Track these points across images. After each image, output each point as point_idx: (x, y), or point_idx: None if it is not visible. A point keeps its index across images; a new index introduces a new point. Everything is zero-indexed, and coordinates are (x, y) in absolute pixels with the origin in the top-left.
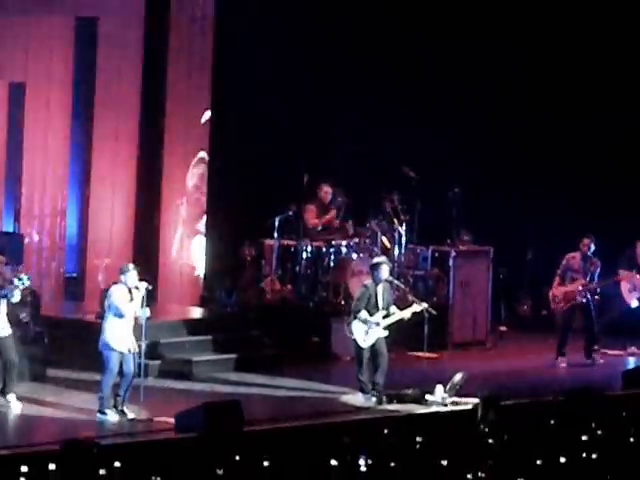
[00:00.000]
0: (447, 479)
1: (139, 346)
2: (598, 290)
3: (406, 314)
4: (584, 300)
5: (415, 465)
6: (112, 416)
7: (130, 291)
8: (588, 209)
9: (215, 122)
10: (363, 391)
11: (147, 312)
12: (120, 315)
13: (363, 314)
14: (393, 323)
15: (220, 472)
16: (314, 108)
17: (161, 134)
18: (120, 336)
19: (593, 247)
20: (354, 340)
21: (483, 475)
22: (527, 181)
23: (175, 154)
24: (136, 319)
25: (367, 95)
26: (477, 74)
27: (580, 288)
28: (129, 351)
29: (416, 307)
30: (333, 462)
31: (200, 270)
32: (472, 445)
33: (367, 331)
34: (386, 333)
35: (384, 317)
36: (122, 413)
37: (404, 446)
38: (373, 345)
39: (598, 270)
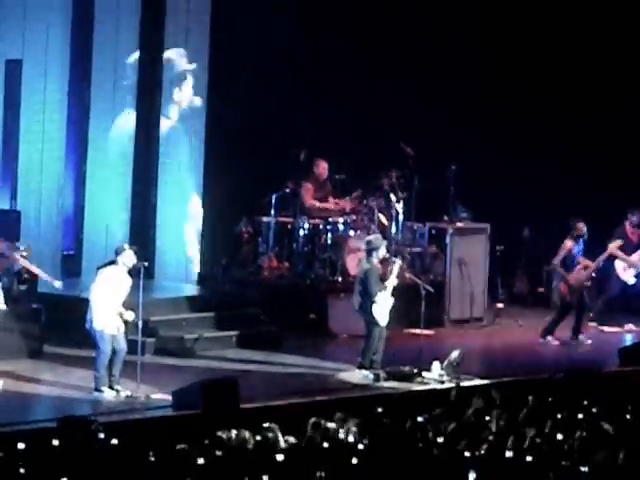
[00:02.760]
0: (444, 456)
1: (136, 324)
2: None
3: (393, 279)
4: (589, 284)
5: (412, 442)
6: (108, 393)
7: (124, 272)
8: (585, 186)
9: (211, 101)
10: (363, 368)
11: (131, 315)
12: (107, 295)
13: (380, 296)
14: (392, 293)
15: (217, 452)
16: (311, 84)
17: (157, 107)
18: (108, 317)
19: (585, 232)
20: (372, 321)
21: (481, 452)
22: (524, 158)
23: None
24: (131, 297)
25: (365, 71)
26: (476, 51)
27: (583, 272)
28: (118, 330)
29: (396, 267)
30: (325, 444)
31: (195, 248)
32: (469, 422)
33: (385, 309)
34: (392, 303)
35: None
36: (117, 392)
37: (401, 423)
38: None
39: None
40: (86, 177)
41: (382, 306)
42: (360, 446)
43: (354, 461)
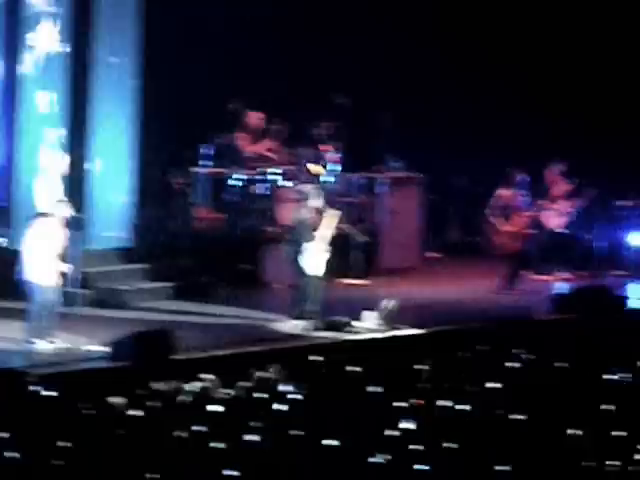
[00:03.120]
0: (379, 406)
1: (70, 276)
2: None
3: (326, 229)
4: (529, 231)
5: (347, 392)
6: (41, 345)
7: (58, 223)
8: (517, 136)
9: (144, 48)
10: (297, 318)
11: (66, 267)
12: (40, 247)
13: (311, 245)
14: (327, 244)
15: (151, 402)
16: (246, 34)
17: (88, 56)
18: (41, 269)
19: (522, 181)
20: (303, 271)
21: (415, 401)
22: (457, 108)
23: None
24: (65, 249)
25: (299, 23)
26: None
27: (522, 221)
28: (52, 282)
29: (331, 218)
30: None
31: (129, 199)
32: (403, 371)
33: (317, 259)
34: (328, 254)
35: (319, 240)
36: (52, 343)
37: (336, 374)
38: None
39: (525, 201)
40: (16, 129)
41: (312, 256)
42: (297, 396)
43: (289, 410)
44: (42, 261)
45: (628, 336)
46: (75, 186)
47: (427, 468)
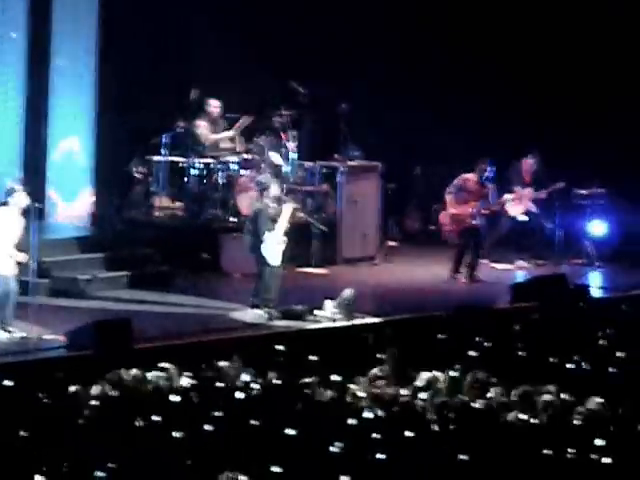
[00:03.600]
0: (337, 393)
1: (28, 265)
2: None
3: (285, 221)
4: (477, 223)
5: (307, 381)
6: (0, 335)
7: (18, 213)
8: (477, 125)
9: (103, 36)
10: (256, 307)
11: (24, 257)
12: (2, 237)
13: (269, 235)
14: (284, 234)
15: (112, 392)
16: (205, 21)
17: (48, 44)
18: (2, 258)
19: (489, 172)
20: (263, 261)
21: (376, 391)
22: (415, 96)
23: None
24: (23, 238)
25: (259, 10)
26: None
27: (472, 210)
28: (9, 272)
29: (288, 208)
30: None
31: (88, 188)
32: (362, 360)
33: (276, 249)
34: (284, 244)
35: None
36: (9, 332)
37: (295, 362)
38: None
39: (491, 193)
40: None
41: (272, 246)
42: (255, 385)
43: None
44: (1, 251)
45: (586, 325)
46: (32, 175)
47: (385, 457)
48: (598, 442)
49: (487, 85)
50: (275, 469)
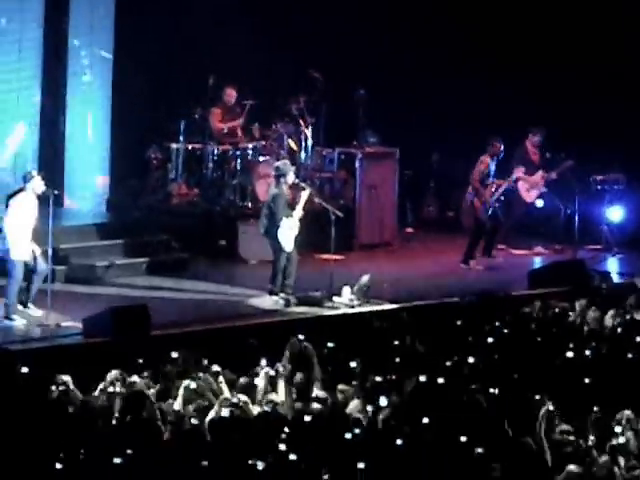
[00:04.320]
0: (356, 380)
1: (45, 252)
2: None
3: (300, 208)
4: (497, 204)
5: (324, 367)
6: (19, 321)
7: (34, 199)
8: (493, 111)
9: (119, 24)
10: (273, 294)
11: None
12: (21, 224)
13: (285, 222)
14: (299, 220)
15: (131, 378)
16: (220, 10)
17: (65, 35)
18: (23, 244)
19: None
20: (277, 247)
21: (392, 376)
22: (433, 82)
23: (80, 54)
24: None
25: None
26: None
27: (492, 191)
28: (34, 254)
29: (304, 195)
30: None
31: (105, 175)
32: (380, 346)
33: (291, 235)
34: (297, 231)
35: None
36: (28, 308)
37: (313, 348)
38: None
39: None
40: None
41: (287, 231)
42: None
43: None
44: (23, 237)
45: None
46: (50, 162)
47: (402, 443)
48: None
49: (503, 68)
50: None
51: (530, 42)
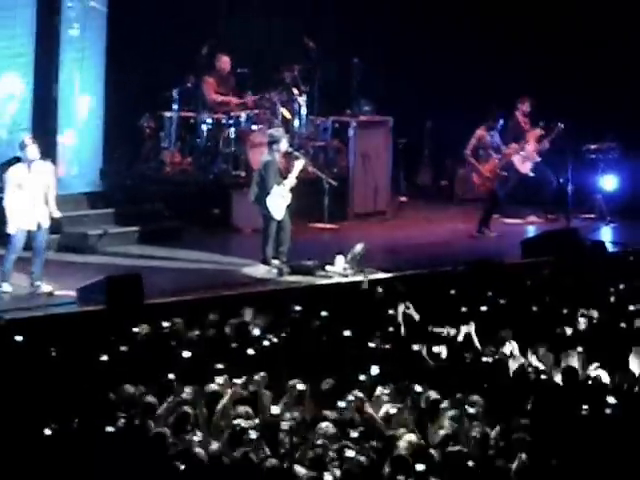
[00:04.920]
0: (350, 349)
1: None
2: None
3: (294, 177)
4: (505, 173)
5: (318, 336)
6: (6, 288)
7: (29, 167)
8: (487, 78)
9: None
10: (266, 263)
11: (57, 213)
12: (19, 193)
13: (276, 189)
14: (292, 189)
15: (123, 347)
16: None
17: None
18: (22, 213)
19: (501, 120)
20: (267, 214)
21: (386, 345)
22: (426, 50)
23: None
24: (45, 193)
25: None
26: None
27: (497, 162)
28: (38, 227)
29: (298, 165)
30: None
31: (98, 143)
32: (373, 315)
33: (281, 203)
34: (289, 200)
35: (284, 185)
36: (38, 288)
37: (307, 317)
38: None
39: (499, 141)
40: None
41: (277, 199)
42: (267, 342)
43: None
44: (20, 206)
45: (598, 278)
46: (43, 131)
47: (396, 411)
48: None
49: (497, 37)
50: None
51: (523, 11)
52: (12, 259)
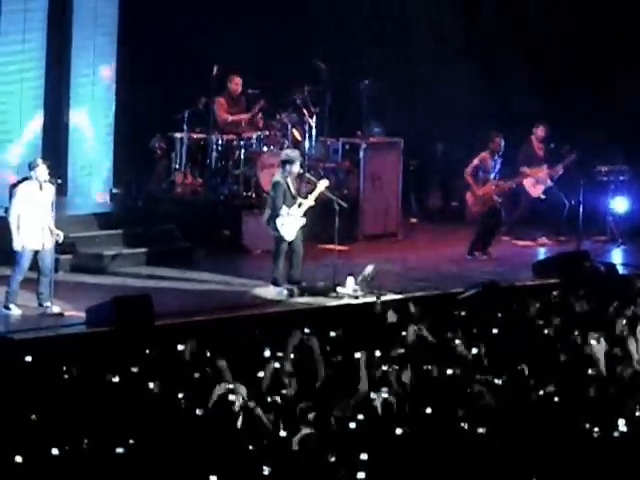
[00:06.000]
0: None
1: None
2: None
3: (312, 198)
4: (499, 200)
5: (328, 357)
6: (15, 310)
7: (40, 187)
8: (497, 102)
9: (123, 14)
10: (276, 284)
11: (60, 236)
12: (28, 212)
13: (285, 210)
14: (306, 211)
15: (133, 368)
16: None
17: (69, 26)
18: (30, 231)
19: (503, 145)
20: (278, 235)
21: (396, 366)
22: (436, 73)
23: (85, 44)
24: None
25: None
26: None
27: (494, 188)
28: (43, 247)
29: (319, 187)
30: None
31: (109, 164)
32: (384, 336)
33: (291, 224)
34: (304, 221)
35: (298, 206)
36: (47, 308)
37: (317, 339)
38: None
39: (499, 167)
40: None
41: (287, 220)
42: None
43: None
44: (29, 226)
45: (607, 301)
46: (55, 151)
47: (407, 432)
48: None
49: (506, 60)
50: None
51: (533, 34)
52: (18, 280)
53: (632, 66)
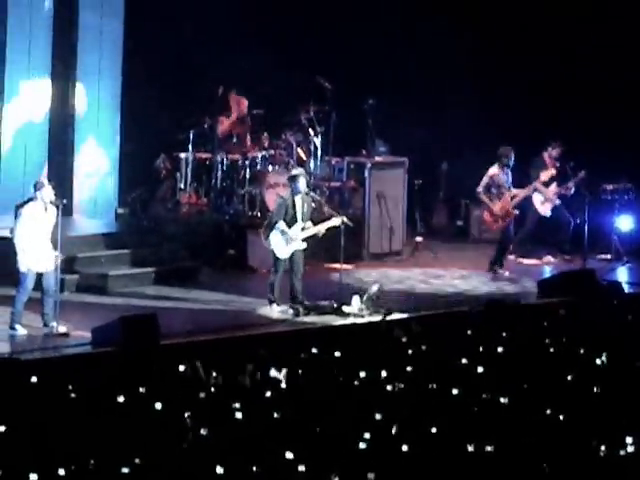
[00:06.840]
0: (366, 390)
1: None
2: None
3: (322, 228)
4: (517, 212)
5: (333, 377)
6: (21, 331)
7: (45, 208)
8: (502, 120)
9: (128, 35)
10: (272, 302)
11: (59, 257)
12: (33, 233)
13: (281, 225)
14: (309, 237)
15: (140, 388)
16: (229, 19)
17: (74, 46)
18: (34, 252)
19: (512, 159)
20: (272, 252)
21: (401, 385)
22: (441, 92)
23: (90, 65)
24: (53, 234)
25: (283, 6)
26: None
27: (510, 200)
28: (47, 268)
29: (334, 221)
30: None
31: (114, 184)
32: (390, 355)
33: (286, 242)
34: (304, 245)
35: (301, 230)
36: (53, 329)
37: (322, 358)
38: (291, 257)
39: (511, 180)
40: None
41: (280, 237)
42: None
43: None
44: (34, 247)
45: (615, 320)
46: (60, 171)
47: (413, 451)
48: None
49: (512, 79)
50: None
51: (540, 53)
52: (23, 300)
53: (636, 82)
